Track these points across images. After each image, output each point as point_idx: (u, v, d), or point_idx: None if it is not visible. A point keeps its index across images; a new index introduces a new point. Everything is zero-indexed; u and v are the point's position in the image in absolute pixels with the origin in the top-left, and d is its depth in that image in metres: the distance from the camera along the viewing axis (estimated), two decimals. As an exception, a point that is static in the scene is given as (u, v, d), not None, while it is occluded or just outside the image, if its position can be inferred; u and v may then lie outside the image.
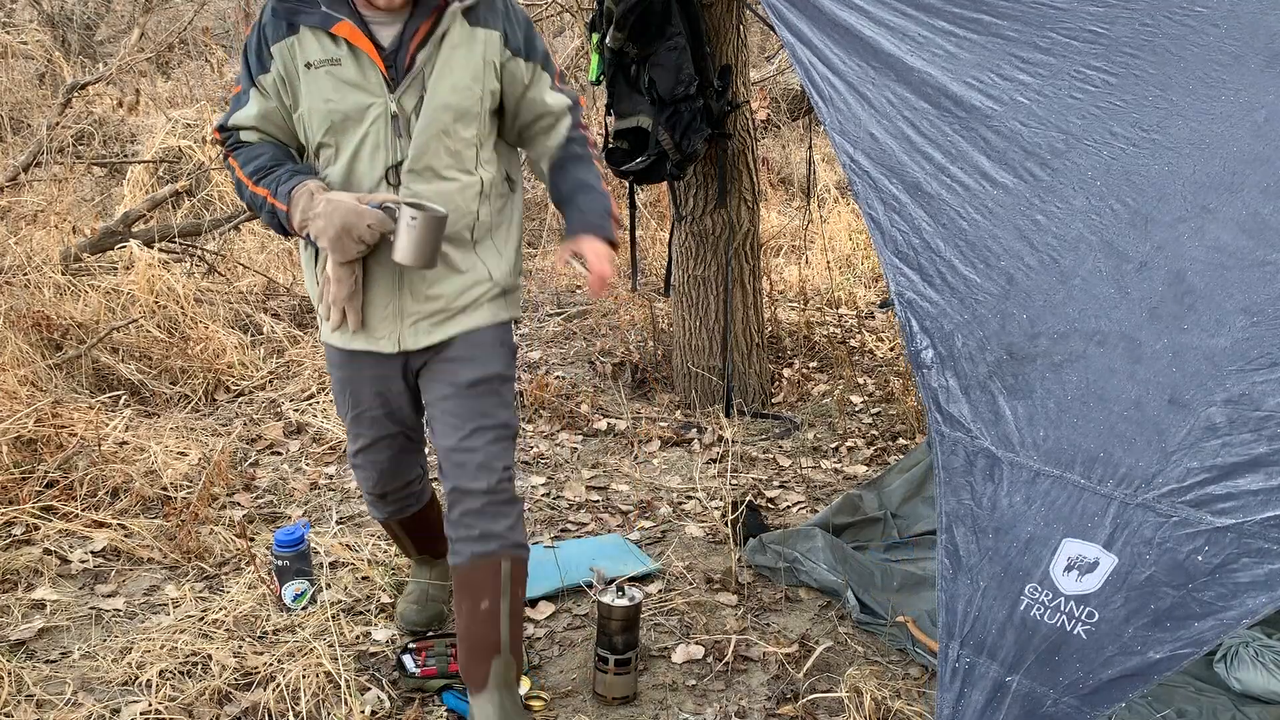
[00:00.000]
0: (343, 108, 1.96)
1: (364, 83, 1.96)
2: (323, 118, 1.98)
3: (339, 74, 1.95)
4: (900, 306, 1.79)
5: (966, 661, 1.70)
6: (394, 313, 2.09)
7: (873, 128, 1.88)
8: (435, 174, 2.03)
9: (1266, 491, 1.46)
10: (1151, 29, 1.72)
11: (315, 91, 1.97)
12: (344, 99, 1.96)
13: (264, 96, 2.02)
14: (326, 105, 1.97)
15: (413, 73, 1.96)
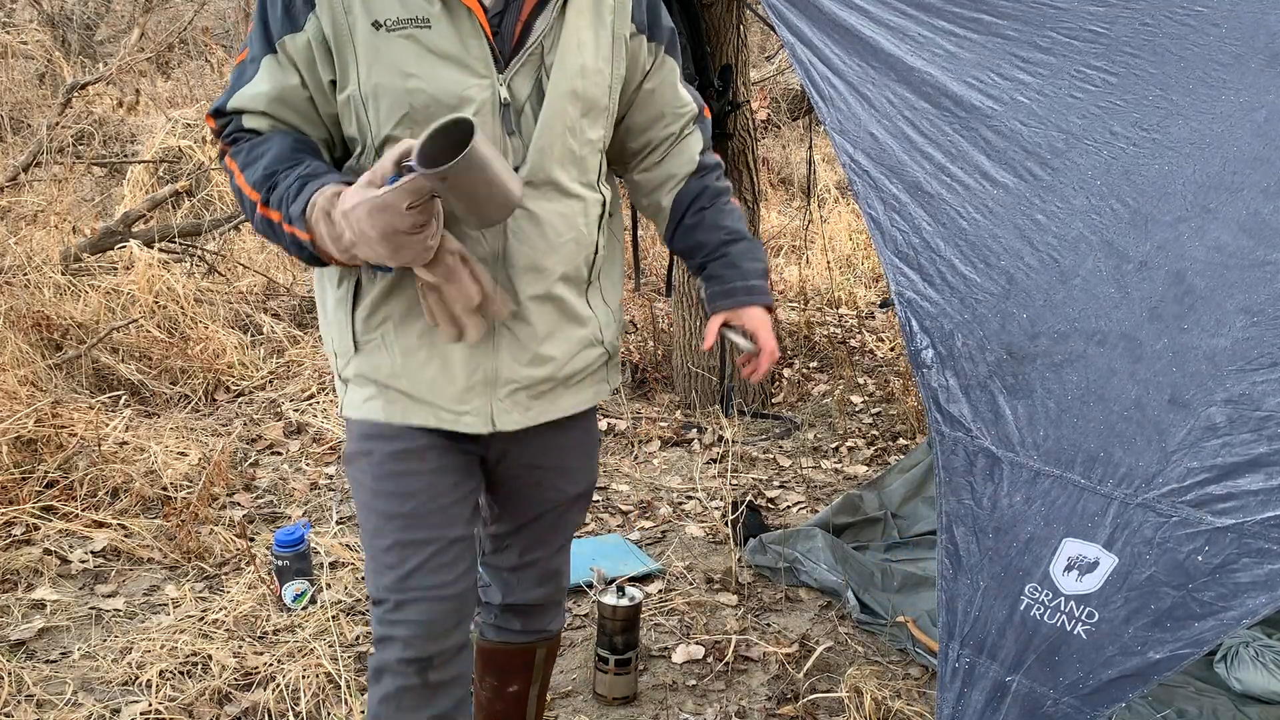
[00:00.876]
0: (431, 89, 1.38)
1: (464, 56, 1.39)
2: (397, 102, 1.39)
3: (428, 41, 1.38)
4: (900, 306, 1.79)
5: (967, 661, 1.70)
6: (486, 377, 1.49)
7: (873, 127, 1.88)
8: (558, 189, 1.49)
9: (1267, 491, 1.46)
10: (1152, 28, 1.72)
11: (387, 63, 1.38)
12: (434, 77, 1.38)
13: (283, 68, 1.40)
14: (407, 84, 1.38)
15: (528, 47, 1.43)
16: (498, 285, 1.43)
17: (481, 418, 1.50)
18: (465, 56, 1.39)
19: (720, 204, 1.67)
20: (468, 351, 1.46)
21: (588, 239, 1.53)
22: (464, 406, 1.49)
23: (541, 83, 1.45)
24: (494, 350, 1.48)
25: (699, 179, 1.67)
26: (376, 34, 1.37)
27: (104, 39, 9.42)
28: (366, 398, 1.51)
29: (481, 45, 1.40)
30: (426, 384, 1.48)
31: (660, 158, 1.67)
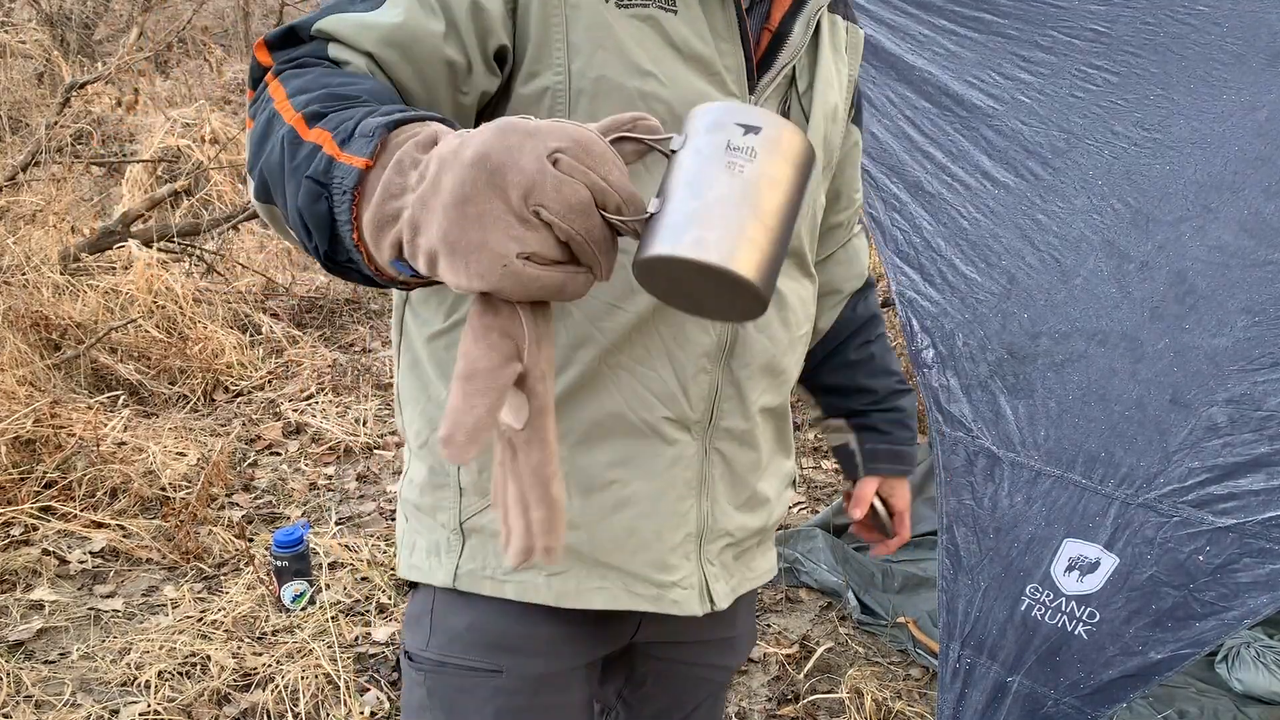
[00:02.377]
0: (671, 97, 0.95)
1: (714, 59, 0.99)
2: (623, 108, 0.93)
3: (672, 30, 0.97)
4: (901, 306, 1.78)
5: (967, 662, 1.69)
6: (699, 526, 1.06)
7: (873, 127, 1.88)
8: (802, 265, 1.12)
9: (1268, 491, 1.46)
10: (1153, 28, 1.72)
11: (616, 51, 0.95)
12: (675, 81, 0.96)
13: (427, 6, 0.89)
14: (643, 85, 0.95)
15: (782, 64, 1.04)
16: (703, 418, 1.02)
17: (694, 591, 1.05)
18: (716, 61, 0.98)
19: (885, 339, 1.35)
20: (680, 475, 1.02)
21: (805, 337, 1.15)
22: (671, 575, 1.03)
23: (789, 116, 1.04)
24: (706, 484, 1.05)
25: (865, 301, 1.34)
26: (605, 6, 0.94)
27: (103, 38, 9.42)
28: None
29: (736, 50, 0.99)
30: (616, 538, 1.00)
31: (823, 256, 1.28)
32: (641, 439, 1.00)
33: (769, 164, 0.62)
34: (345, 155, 0.69)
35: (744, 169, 0.61)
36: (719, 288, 0.62)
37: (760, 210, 0.61)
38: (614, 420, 0.99)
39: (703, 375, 1.01)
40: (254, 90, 0.88)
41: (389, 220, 0.65)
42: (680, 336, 0.99)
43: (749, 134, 0.62)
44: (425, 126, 0.68)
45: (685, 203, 0.61)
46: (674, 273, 0.62)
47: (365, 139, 0.68)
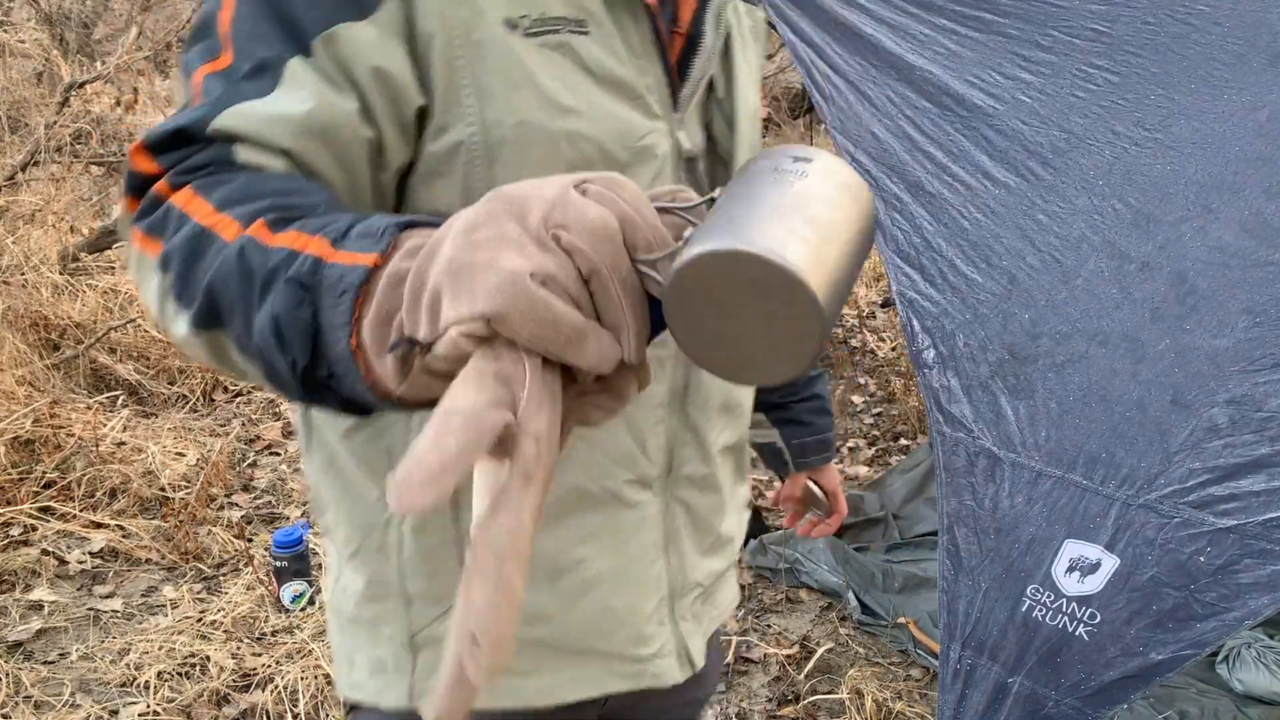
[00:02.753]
0: (597, 134, 0.86)
1: (635, 81, 0.89)
2: (547, 155, 0.84)
3: (587, 56, 0.86)
4: (902, 306, 1.78)
5: (968, 663, 1.69)
6: (672, 585, 1.00)
7: (874, 126, 1.87)
8: None
9: (1269, 492, 1.46)
10: (1154, 27, 1.71)
11: (532, 89, 0.83)
12: (598, 113, 0.86)
13: (331, 82, 0.77)
14: (565, 124, 0.84)
15: (699, 72, 0.94)
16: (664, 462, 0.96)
17: (673, 657, 0.99)
18: (636, 82, 0.87)
19: None
20: (647, 538, 0.95)
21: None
22: (649, 647, 0.96)
23: (711, 128, 0.97)
24: (672, 541, 0.98)
25: None
26: (512, 38, 0.81)
27: (102, 37, 9.42)
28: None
29: (655, 65, 0.88)
30: (589, 621, 0.92)
31: None
32: (603, 509, 0.92)
33: (822, 185, 0.54)
34: (343, 254, 0.56)
35: (794, 184, 0.53)
36: (767, 307, 0.50)
37: (816, 220, 0.52)
38: (574, 495, 0.90)
39: (659, 426, 0.93)
40: (136, 200, 0.72)
41: (394, 310, 0.53)
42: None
43: (799, 162, 0.56)
44: (416, 230, 0.57)
45: (727, 211, 0.52)
46: (711, 293, 0.50)
47: (370, 238, 0.56)
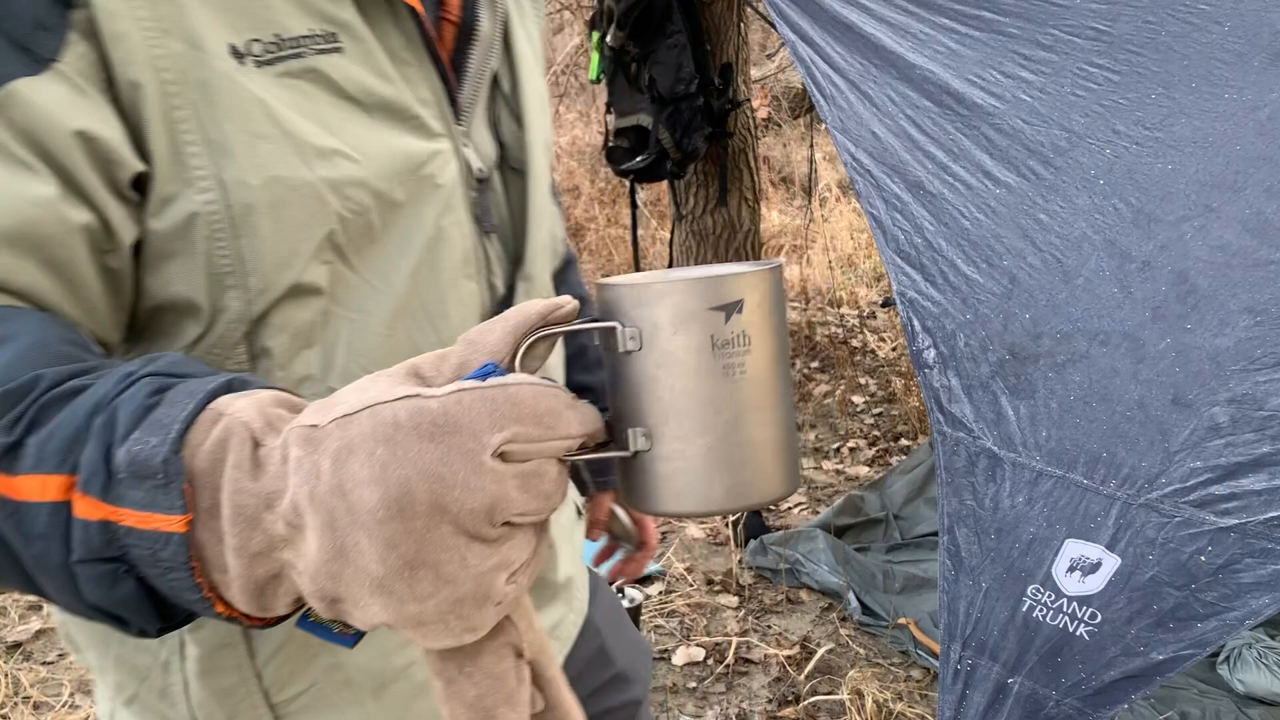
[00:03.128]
0: (371, 174, 0.71)
1: (404, 97, 0.75)
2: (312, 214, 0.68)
3: (341, 76, 0.70)
4: (902, 306, 1.78)
5: (968, 663, 1.69)
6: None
7: (874, 126, 1.87)
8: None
9: (1270, 491, 1.45)
10: (1154, 26, 1.71)
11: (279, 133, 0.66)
12: (366, 147, 0.71)
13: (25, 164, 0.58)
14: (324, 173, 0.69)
15: (473, 75, 0.82)
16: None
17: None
18: (408, 99, 0.74)
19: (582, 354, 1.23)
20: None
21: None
22: None
23: (501, 133, 0.85)
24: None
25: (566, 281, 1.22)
26: (242, 72, 0.65)
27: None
28: None
29: (427, 73, 0.76)
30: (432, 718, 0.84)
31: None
32: None
33: (766, 341, 0.48)
34: (133, 514, 0.44)
35: (745, 368, 0.47)
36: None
37: (777, 405, 0.49)
38: None
39: None
40: None
41: (269, 582, 0.45)
42: None
43: (733, 317, 0.47)
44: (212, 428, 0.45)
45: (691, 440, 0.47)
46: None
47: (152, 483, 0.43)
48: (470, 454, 0.42)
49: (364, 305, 0.72)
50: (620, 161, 3.69)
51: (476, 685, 0.47)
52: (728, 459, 0.47)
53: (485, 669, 0.47)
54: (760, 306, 0.48)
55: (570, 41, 8.17)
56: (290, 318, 0.69)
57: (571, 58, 7.73)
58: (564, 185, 7.79)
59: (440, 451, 0.41)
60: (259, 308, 0.67)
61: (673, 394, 0.48)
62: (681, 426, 0.48)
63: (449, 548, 0.42)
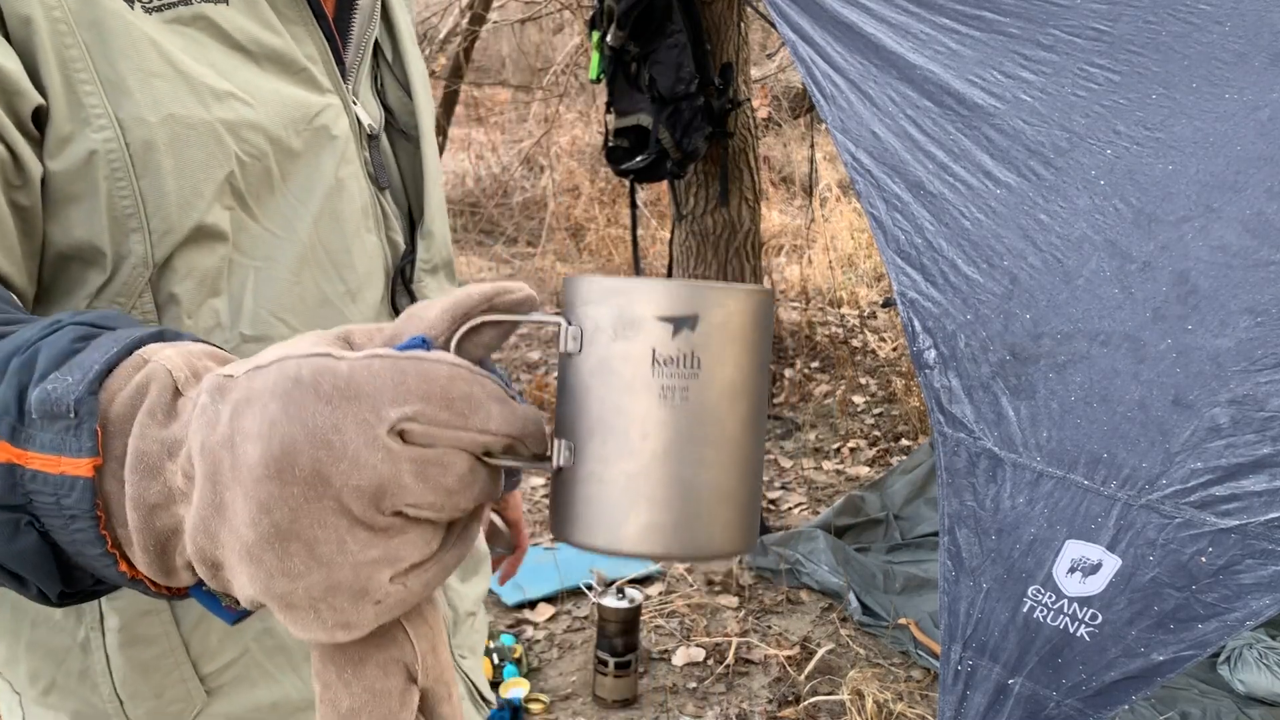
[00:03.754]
0: (266, 120, 0.73)
1: (291, 51, 0.76)
2: (211, 155, 0.69)
3: (229, 25, 0.72)
4: (903, 306, 1.78)
5: (969, 664, 1.68)
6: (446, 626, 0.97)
7: (875, 126, 1.87)
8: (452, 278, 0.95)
9: (1271, 493, 1.45)
10: (1155, 26, 1.71)
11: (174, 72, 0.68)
12: (259, 93, 0.73)
13: None
14: (223, 112, 0.70)
15: (356, 39, 0.83)
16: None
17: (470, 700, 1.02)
18: (295, 53, 0.75)
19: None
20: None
21: None
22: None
23: (385, 97, 0.87)
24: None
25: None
26: (133, 16, 0.66)
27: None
28: None
29: (312, 30, 0.76)
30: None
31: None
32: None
33: (722, 369, 0.41)
34: (40, 457, 0.42)
35: (687, 394, 0.40)
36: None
37: (725, 443, 0.41)
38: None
39: None
40: None
41: (170, 540, 0.42)
42: None
43: (682, 333, 0.40)
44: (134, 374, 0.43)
45: (611, 463, 0.41)
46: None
47: (63, 423, 0.41)
48: (365, 425, 0.38)
49: (269, 253, 0.73)
50: (620, 161, 3.69)
51: (353, 696, 0.42)
52: (648, 494, 0.40)
53: (366, 682, 0.42)
54: (721, 329, 0.41)
55: (570, 41, 8.17)
56: (195, 263, 0.69)
57: (571, 57, 7.73)
58: (564, 185, 7.79)
59: (334, 417, 0.38)
60: (163, 251, 0.67)
61: (602, 407, 0.42)
62: (604, 446, 0.41)
63: (327, 525, 0.38)
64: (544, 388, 4.30)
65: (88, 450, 0.41)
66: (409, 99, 0.88)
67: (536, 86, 8.32)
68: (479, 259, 6.43)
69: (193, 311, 0.70)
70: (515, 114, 9.39)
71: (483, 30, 6.56)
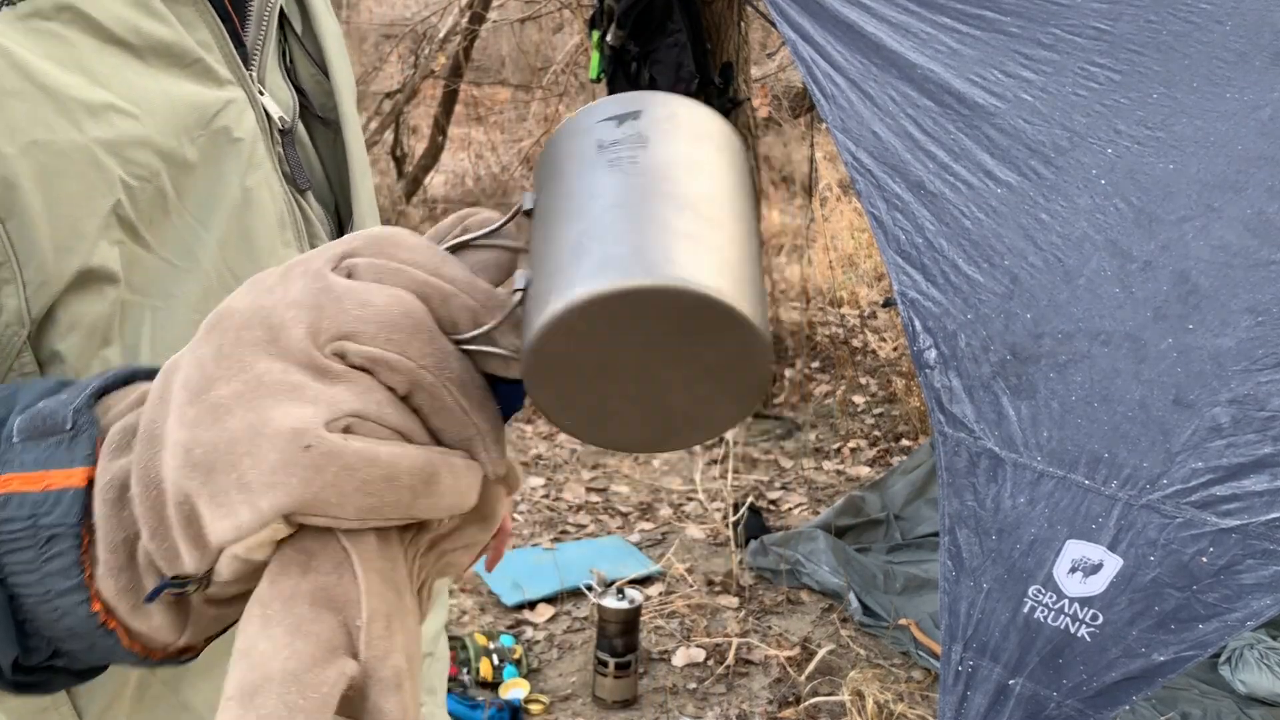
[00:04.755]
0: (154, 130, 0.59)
1: (181, 39, 0.62)
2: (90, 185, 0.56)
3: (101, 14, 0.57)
4: (903, 306, 1.77)
5: (969, 664, 1.68)
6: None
7: (875, 125, 1.87)
8: None
9: (1271, 492, 1.45)
10: (1156, 25, 1.71)
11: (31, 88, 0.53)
12: (144, 98, 0.59)
13: None
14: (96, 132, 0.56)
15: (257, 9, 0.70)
16: None
17: None
18: (185, 40, 0.63)
19: None
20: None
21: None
22: None
23: (298, 79, 0.76)
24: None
25: None
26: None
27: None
28: None
29: (204, 10, 0.64)
30: None
31: None
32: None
33: (672, 146, 0.37)
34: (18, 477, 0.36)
35: (636, 159, 0.37)
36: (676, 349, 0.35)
37: (685, 197, 0.36)
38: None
39: None
40: None
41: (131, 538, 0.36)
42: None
43: (625, 123, 0.38)
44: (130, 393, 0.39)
45: (563, 235, 0.35)
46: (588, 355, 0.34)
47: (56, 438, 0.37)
48: (302, 269, 0.35)
49: (167, 289, 0.61)
50: (620, 161, 3.68)
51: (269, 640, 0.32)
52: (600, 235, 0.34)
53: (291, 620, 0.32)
54: (669, 119, 0.38)
55: (570, 41, 8.17)
56: (81, 312, 0.57)
57: (571, 57, 7.72)
58: (564, 185, 7.77)
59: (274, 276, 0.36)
60: (40, 304, 0.55)
61: (551, 206, 0.37)
62: (556, 230, 0.36)
63: (254, 362, 0.34)
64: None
65: (81, 459, 0.36)
66: (324, 76, 0.76)
67: (536, 86, 8.31)
68: (479, 259, 6.41)
69: (81, 369, 0.58)
70: (515, 113, 9.38)
71: (482, 29, 6.56)
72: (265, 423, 0.32)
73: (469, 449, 0.36)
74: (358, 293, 0.34)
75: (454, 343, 0.36)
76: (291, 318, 0.34)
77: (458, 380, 0.35)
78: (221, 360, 0.34)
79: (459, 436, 0.36)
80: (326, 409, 0.33)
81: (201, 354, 0.34)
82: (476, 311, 0.36)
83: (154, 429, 0.35)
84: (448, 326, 0.36)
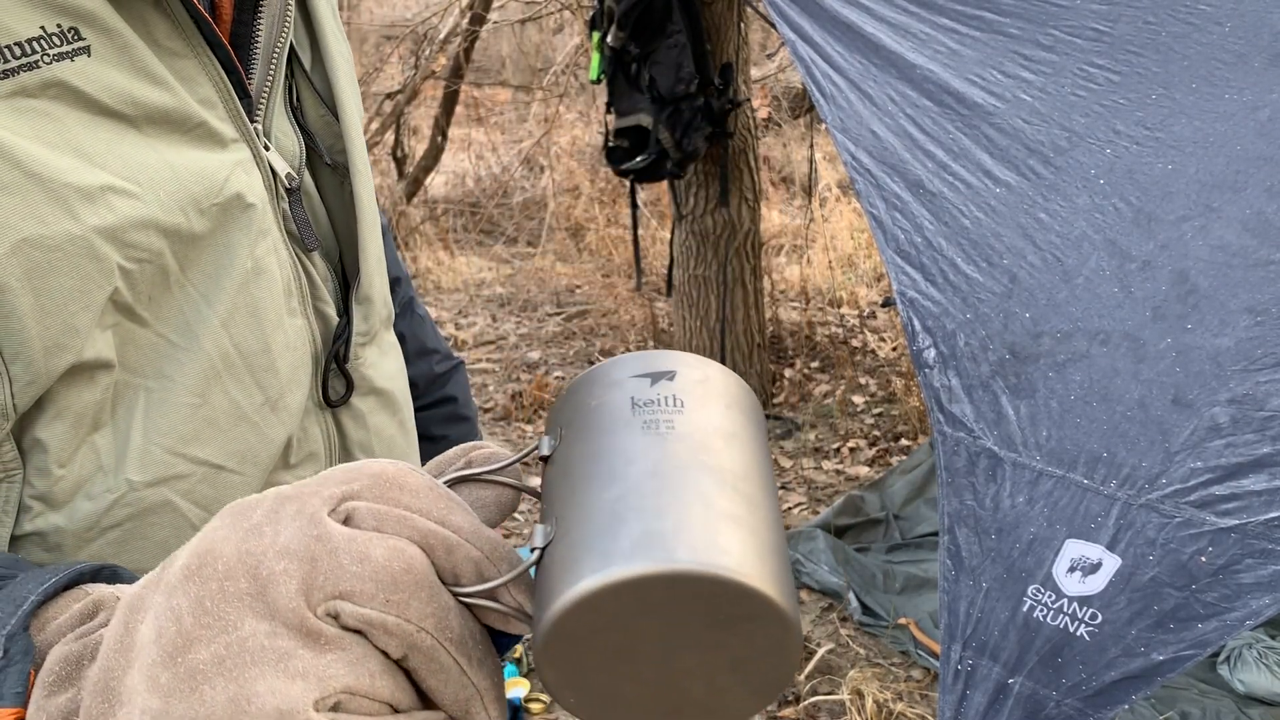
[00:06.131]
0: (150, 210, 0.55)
1: (181, 102, 0.58)
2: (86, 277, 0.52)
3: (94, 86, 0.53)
4: (902, 305, 1.78)
5: (969, 663, 1.69)
6: None
7: (874, 125, 1.87)
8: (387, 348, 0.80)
9: (1270, 492, 1.45)
10: (1155, 26, 1.71)
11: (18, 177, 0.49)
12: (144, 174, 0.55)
13: None
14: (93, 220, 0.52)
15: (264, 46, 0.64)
16: None
17: None
18: (185, 101, 0.58)
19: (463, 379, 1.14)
20: None
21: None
22: None
23: (305, 120, 0.70)
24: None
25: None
26: None
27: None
28: None
29: (205, 59, 0.60)
30: None
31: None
32: None
33: (708, 413, 0.37)
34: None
35: (673, 424, 0.36)
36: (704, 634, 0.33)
37: (725, 472, 0.34)
38: None
39: None
40: None
41: None
42: None
43: (659, 382, 0.37)
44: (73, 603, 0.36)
45: (596, 498, 0.34)
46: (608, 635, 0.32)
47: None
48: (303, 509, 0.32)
49: (164, 369, 0.57)
50: (620, 162, 3.69)
51: None
52: (638, 506, 0.32)
53: None
54: (701, 384, 0.38)
55: (570, 41, 8.17)
56: (70, 401, 0.53)
57: (571, 58, 7.73)
58: (564, 185, 7.80)
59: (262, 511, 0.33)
60: (26, 400, 0.52)
61: (581, 462, 0.36)
62: (588, 491, 0.34)
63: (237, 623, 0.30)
64: (544, 388, 4.30)
65: (10, 699, 0.32)
66: (334, 118, 0.69)
67: (536, 86, 8.32)
68: (479, 259, 6.43)
69: (66, 460, 0.54)
70: (515, 114, 9.39)
71: (483, 30, 6.57)
72: (249, 699, 0.29)
73: (466, 710, 0.34)
74: (357, 545, 0.32)
75: (455, 595, 0.34)
76: (282, 570, 0.31)
77: (457, 640, 0.33)
78: (202, 616, 0.30)
79: (456, 698, 0.34)
80: (316, 685, 0.30)
81: (178, 605, 0.30)
82: (481, 563, 0.34)
83: (110, 680, 0.30)
84: (449, 578, 0.34)
